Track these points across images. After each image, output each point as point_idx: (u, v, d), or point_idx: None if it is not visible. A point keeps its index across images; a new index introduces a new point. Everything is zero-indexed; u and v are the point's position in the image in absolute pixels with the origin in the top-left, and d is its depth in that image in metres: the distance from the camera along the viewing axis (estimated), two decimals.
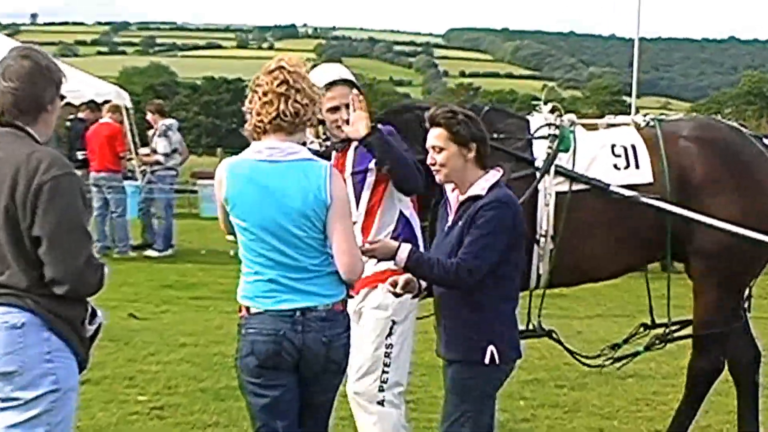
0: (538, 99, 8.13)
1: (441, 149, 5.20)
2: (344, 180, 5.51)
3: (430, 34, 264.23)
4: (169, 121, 17.97)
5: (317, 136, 6.28)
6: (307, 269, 4.84)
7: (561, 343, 7.51)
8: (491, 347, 5.22)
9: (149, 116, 17.96)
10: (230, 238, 5.04)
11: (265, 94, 4.85)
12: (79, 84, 21.94)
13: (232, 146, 32.90)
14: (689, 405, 7.39)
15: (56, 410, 4.40)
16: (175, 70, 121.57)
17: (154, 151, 17.72)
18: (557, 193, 6.95)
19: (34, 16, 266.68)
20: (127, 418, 7.92)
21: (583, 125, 7.51)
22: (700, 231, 6.97)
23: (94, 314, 4.58)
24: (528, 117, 7.41)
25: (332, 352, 4.88)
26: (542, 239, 6.93)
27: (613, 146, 7.19)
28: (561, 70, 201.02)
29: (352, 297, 5.24)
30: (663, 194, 6.98)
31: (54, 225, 4.30)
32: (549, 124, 7.19)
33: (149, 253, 17.54)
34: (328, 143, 6.35)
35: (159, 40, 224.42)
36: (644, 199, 6.93)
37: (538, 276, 7.05)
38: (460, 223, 5.22)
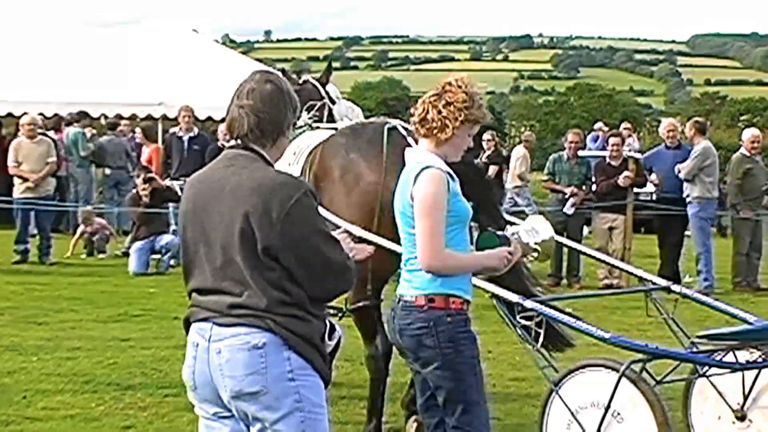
0: None
1: None
2: None
3: (673, 41, 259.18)
4: None
5: None
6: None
7: None
8: None
9: None
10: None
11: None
12: None
13: None
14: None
15: (308, 430, 4.51)
16: (407, 84, 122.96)
17: None
18: None
19: (267, 32, 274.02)
20: None
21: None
22: None
23: (332, 330, 4.69)
24: None
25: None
26: None
27: (298, 147, 8.25)
28: None
29: None
30: None
31: (295, 245, 4.46)
32: None
33: None
34: None
35: (391, 54, 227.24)
36: None
37: None
38: None
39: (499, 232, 5.94)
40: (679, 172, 16.49)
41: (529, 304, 6.81)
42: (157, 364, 10.34)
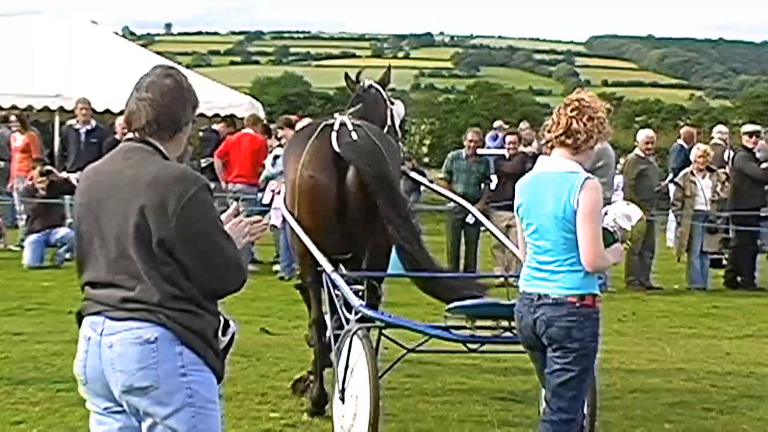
0: (685, 109, 8.38)
1: None
2: None
3: (572, 42, 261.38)
4: None
5: None
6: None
7: None
8: None
9: (280, 133, 18.17)
10: None
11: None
12: (212, 95, 22.34)
13: None
14: None
15: (200, 426, 4.49)
16: (308, 79, 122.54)
17: None
18: None
19: (168, 26, 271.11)
20: None
21: None
22: None
23: (226, 325, 4.67)
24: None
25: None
26: None
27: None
28: (710, 79, 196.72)
29: None
30: None
31: (192, 240, 4.44)
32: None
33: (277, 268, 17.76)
34: None
35: (293, 50, 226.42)
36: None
37: None
38: None
39: (607, 227, 6.32)
40: None
41: (334, 276, 7.97)
42: (50, 359, 10.22)
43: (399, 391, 9.46)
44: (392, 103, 9.98)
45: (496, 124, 29.10)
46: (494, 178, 17.90)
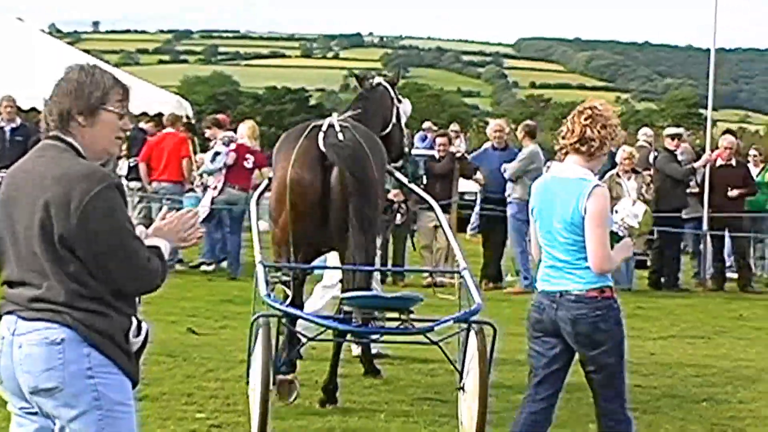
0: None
1: None
2: None
3: (500, 44, 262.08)
4: (230, 133, 18.04)
5: None
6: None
7: None
8: None
9: (207, 133, 18.10)
10: None
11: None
12: (140, 94, 22.12)
13: None
14: None
15: (107, 429, 4.44)
16: (237, 79, 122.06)
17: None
18: None
19: (96, 23, 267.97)
20: None
21: None
22: None
23: (139, 326, 4.61)
24: None
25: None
26: None
27: None
28: (636, 82, 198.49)
29: None
30: None
31: (93, 238, 4.38)
32: None
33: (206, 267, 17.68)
34: None
35: (222, 49, 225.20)
36: None
37: None
38: None
39: (614, 229, 6.54)
40: (505, 171, 16.76)
41: (258, 267, 8.61)
42: None
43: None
44: (400, 102, 10.34)
45: (425, 125, 29.22)
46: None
